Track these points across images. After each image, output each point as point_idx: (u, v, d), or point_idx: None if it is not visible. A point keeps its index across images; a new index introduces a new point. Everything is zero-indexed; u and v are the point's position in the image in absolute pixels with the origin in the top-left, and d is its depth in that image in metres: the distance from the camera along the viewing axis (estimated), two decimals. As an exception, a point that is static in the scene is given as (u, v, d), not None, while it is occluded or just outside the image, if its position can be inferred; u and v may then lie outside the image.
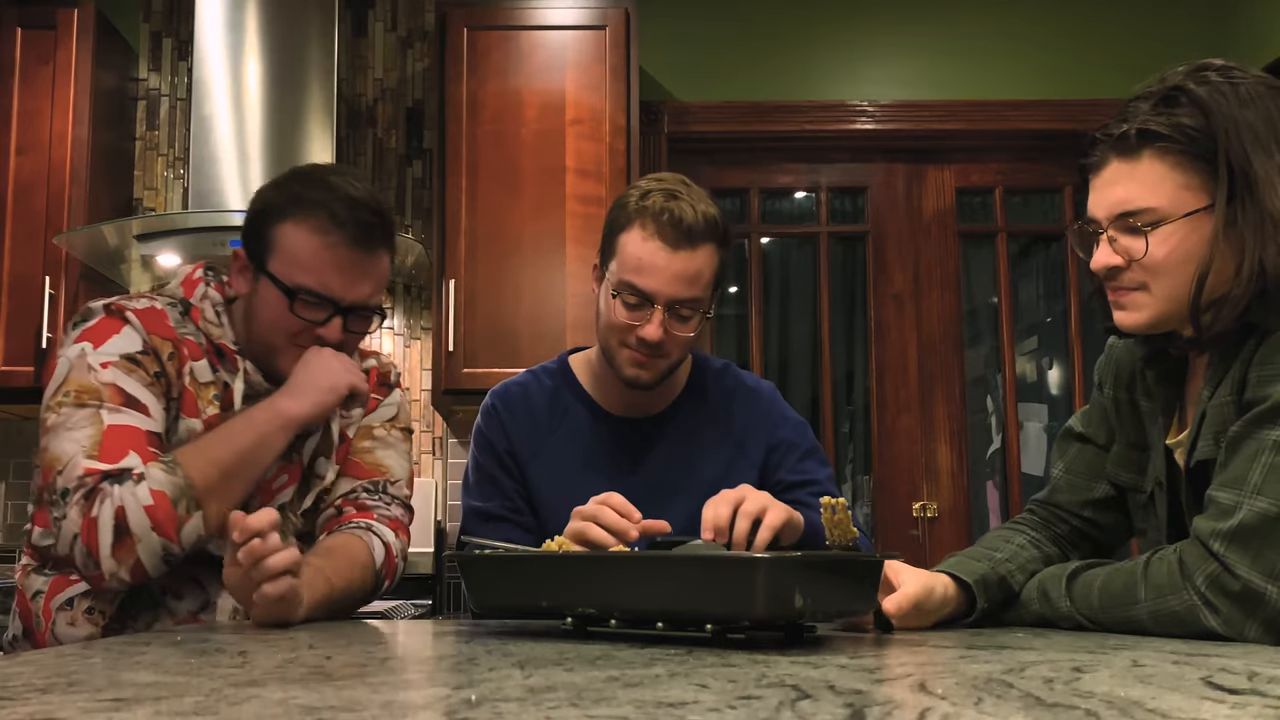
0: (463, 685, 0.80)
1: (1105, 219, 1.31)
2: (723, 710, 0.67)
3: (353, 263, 1.56)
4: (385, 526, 1.64)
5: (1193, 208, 1.25)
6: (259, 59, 3.42)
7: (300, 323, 1.57)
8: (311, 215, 1.55)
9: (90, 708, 0.68)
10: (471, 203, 3.41)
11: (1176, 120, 1.25)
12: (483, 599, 1.27)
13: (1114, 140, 1.29)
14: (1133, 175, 1.27)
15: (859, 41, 3.94)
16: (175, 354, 1.56)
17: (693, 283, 1.67)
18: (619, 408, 1.81)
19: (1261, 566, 1.15)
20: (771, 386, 1.92)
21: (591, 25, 3.48)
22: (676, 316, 1.68)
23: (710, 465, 1.79)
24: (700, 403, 1.84)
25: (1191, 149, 1.24)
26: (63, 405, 1.47)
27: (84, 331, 1.54)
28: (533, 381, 1.86)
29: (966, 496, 3.85)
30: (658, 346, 1.68)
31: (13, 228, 3.38)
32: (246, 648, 1.08)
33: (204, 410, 1.57)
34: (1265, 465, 1.17)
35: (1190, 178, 1.25)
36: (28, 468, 3.72)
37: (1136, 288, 1.30)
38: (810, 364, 4.01)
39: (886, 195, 4.01)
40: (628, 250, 1.67)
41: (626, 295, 1.67)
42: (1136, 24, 3.89)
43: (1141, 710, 0.66)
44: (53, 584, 1.54)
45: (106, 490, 1.41)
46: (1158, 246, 1.26)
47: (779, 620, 1.06)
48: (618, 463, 1.78)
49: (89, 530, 1.40)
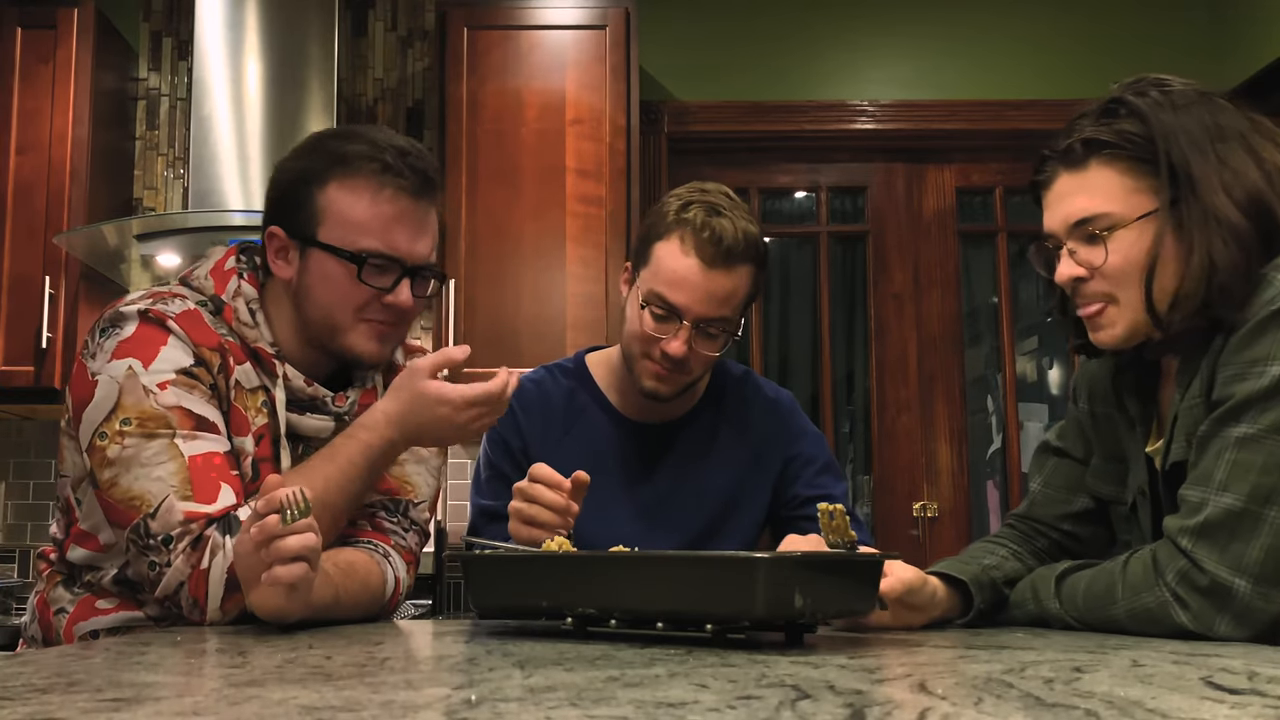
0: (463, 685, 0.80)
1: (1062, 231, 1.33)
2: (723, 710, 0.67)
3: (415, 214, 1.45)
4: (400, 559, 1.54)
5: (1146, 210, 1.28)
6: (259, 59, 3.42)
7: (368, 292, 1.44)
8: (362, 170, 1.43)
9: (90, 708, 0.68)
10: (471, 203, 3.41)
11: (1118, 128, 1.29)
12: (483, 600, 1.27)
13: (1060, 154, 1.33)
14: (1083, 185, 1.31)
15: (859, 41, 3.94)
16: (224, 364, 1.44)
17: (725, 303, 1.63)
18: (635, 412, 1.78)
19: (1229, 560, 1.17)
20: (790, 397, 1.89)
21: (591, 25, 3.48)
22: (704, 334, 1.64)
23: (723, 475, 1.77)
24: (717, 411, 1.81)
25: (1136, 153, 1.28)
26: (127, 435, 1.35)
27: (122, 344, 1.40)
28: (549, 379, 1.82)
29: (966, 496, 3.85)
30: (681, 363, 1.64)
31: (13, 228, 3.38)
32: (246, 648, 1.08)
33: (253, 421, 1.46)
34: (1229, 462, 1.19)
35: (1139, 181, 1.28)
36: (28, 467, 3.72)
37: (1104, 302, 1.32)
38: (810, 364, 4.01)
39: (886, 195, 4.01)
40: (663, 262, 1.63)
41: (656, 307, 1.63)
42: (1136, 24, 3.89)
43: (1141, 710, 0.66)
44: (79, 606, 1.47)
45: (216, 542, 1.32)
46: (1116, 253, 1.29)
47: (779, 620, 1.06)
48: (630, 468, 1.75)
49: (198, 582, 1.33)
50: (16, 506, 3.72)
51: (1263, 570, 1.16)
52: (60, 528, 1.52)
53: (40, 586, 1.52)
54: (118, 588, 1.45)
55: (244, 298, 1.48)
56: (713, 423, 1.80)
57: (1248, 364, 1.20)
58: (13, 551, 3.68)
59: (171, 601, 1.37)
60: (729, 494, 1.76)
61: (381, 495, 1.55)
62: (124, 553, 1.42)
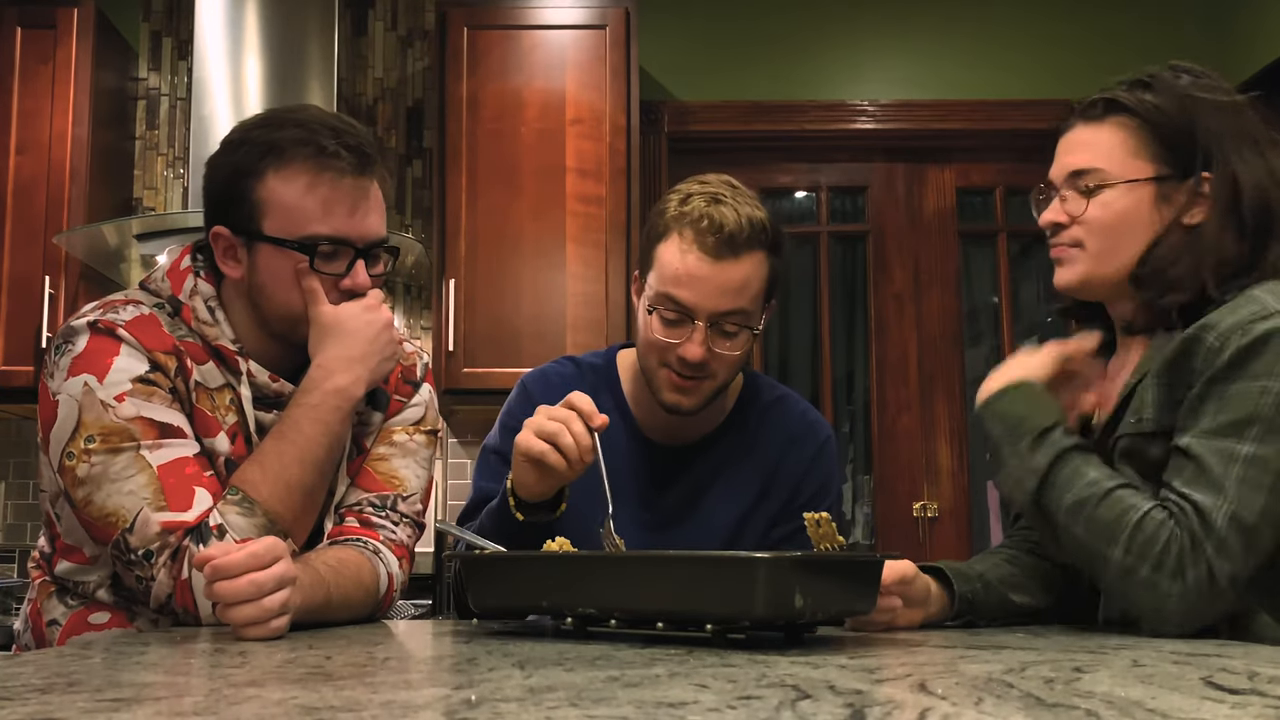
0: (463, 685, 0.80)
1: (1059, 179, 1.41)
2: (723, 710, 0.67)
3: (358, 193, 1.41)
4: (391, 554, 1.49)
5: (1135, 176, 1.35)
6: (259, 59, 3.42)
7: (324, 280, 1.41)
8: (297, 157, 1.39)
9: (90, 708, 0.68)
10: (471, 202, 3.41)
11: (1142, 96, 1.36)
12: (483, 600, 1.27)
13: (1084, 109, 1.41)
14: (1090, 140, 1.38)
15: (859, 41, 3.94)
16: (180, 367, 1.40)
17: (738, 294, 1.52)
18: (656, 431, 1.67)
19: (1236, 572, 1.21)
20: (828, 434, 1.73)
21: (591, 25, 3.48)
22: (721, 333, 1.54)
23: (731, 506, 1.66)
24: (741, 434, 1.69)
25: (1150, 121, 1.35)
26: (93, 454, 1.33)
27: (75, 360, 1.36)
28: (575, 374, 1.72)
29: (966, 496, 3.85)
30: (701, 366, 1.54)
31: (13, 228, 3.38)
32: (246, 648, 1.08)
33: (223, 420, 1.42)
34: (1238, 479, 1.21)
35: (1142, 148, 1.35)
36: (28, 467, 3.72)
37: (1072, 244, 1.39)
38: (810, 363, 4.01)
39: (886, 195, 4.01)
40: (665, 261, 1.53)
41: (665, 310, 1.53)
42: (1137, 24, 3.89)
43: (1141, 710, 0.66)
44: (72, 620, 1.44)
45: (193, 552, 1.30)
46: (1097, 208, 1.36)
47: (779, 620, 1.06)
48: (641, 487, 1.65)
49: (183, 592, 1.32)
50: (16, 506, 3.72)
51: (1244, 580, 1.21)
52: (46, 541, 1.51)
53: (33, 595, 1.51)
54: (112, 597, 1.45)
55: (201, 296, 1.45)
56: (730, 451, 1.68)
57: (1251, 378, 1.23)
58: (13, 551, 3.68)
59: (165, 610, 1.37)
60: (734, 526, 1.67)
61: (369, 494, 1.52)
62: (111, 563, 1.41)
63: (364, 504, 1.51)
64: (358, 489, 1.52)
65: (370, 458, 1.54)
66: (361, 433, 1.54)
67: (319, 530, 1.48)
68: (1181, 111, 1.34)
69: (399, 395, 1.58)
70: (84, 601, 1.46)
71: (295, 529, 1.39)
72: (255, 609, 1.15)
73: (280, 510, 1.36)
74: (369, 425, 1.55)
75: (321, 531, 1.49)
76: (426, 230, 3.74)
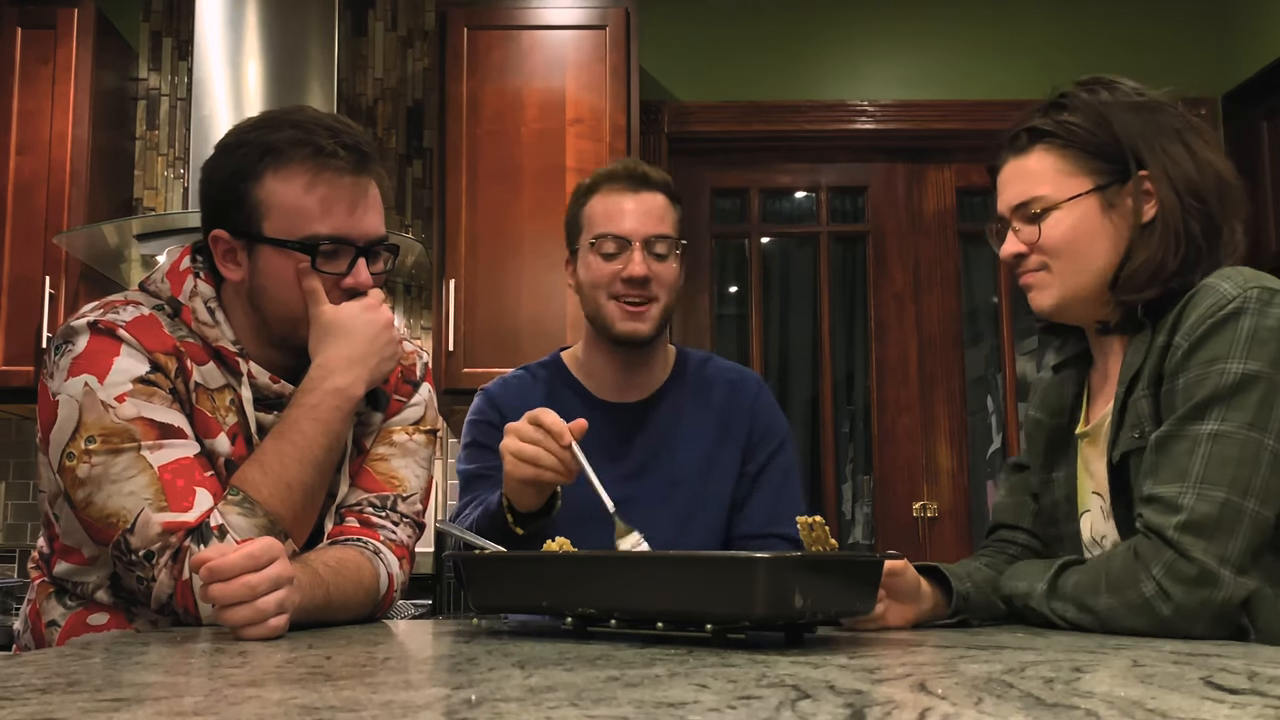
0: (463, 685, 0.80)
1: (1007, 213, 1.46)
2: (723, 710, 0.67)
3: (357, 192, 1.42)
4: (391, 554, 1.50)
5: (1074, 192, 1.40)
6: (259, 59, 3.42)
7: (325, 279, 1.41)
8: (295, 157, 1.39)
9: (90, 708, 0.68)
10: (471, 202, 3.41)
11: (1061, 118, 1.41)
12: (483, 600, 1.27)
13: (1009, 142, 1.47)
14: (1024, 171, 1.44)
15: (859, 41, 3.94)
16: (181, 367, 1.40)
17: (661, 219, 1.80)
18: (609, 393, 1.89)
19: (1215, 551, 1.21)
20: (755, 376, 1.98)
21: (591, 25, 3.48)
22: (654, 255, 1.79)
23: (694, 444, 1.86)
24: (683, 387, 1.92)
25: (1075, 141, 1.40)
26: (93, 454, 1.33)
27: (76, 360, 1.36)
28: (527, 375, 1.95)
29: (966, 496, 3.85)
30: (645, 283, 1.78)
31: (13, 228, 3.38)
32: (246, 648, 1.08)
33: (224, 421, 1.42)
34: (1204, 457, 1.24)
35: (1075, 166, 1.40)
36: (28, 467, 3.72)
37: (1039, 268, 1.43)
38: (810, 364, 4.01)
39: (886, 195, 4.01)
40: (595, 210, 1.81)
41: (605, 246, 1.79)
42: (1137, 24, 3.89)
43: (1141, 710, 0.66)
44: (71, 621, 1.45)
45: (194, 552, 1.29)
46: (1050, 230, 1.41)
47: (779, 620, 1.06)
48: (608, 445, 1.81)
49: (184, 593, 1.33)
50: (16, 506, 3.72)
51: (1241, 562, 1.21)
52: (45, 541, 1.50)
53: (33, 595, 1.51)
54: (111, 598, 1.44)
55: (201, 297, 1.45)
56: (679, 400, 1.90)
57: (1206, 364, 1.27)
58: (13, 551, 3.68)
59: (166, 611, 1.37)
60: (702, 459, 1.86)
61: (369, 494, 1.52)
62: (110, 564, 1.41)
63: (364, 504, 1.51)
64: (358, 489, 1.52)
65: (370, 458, 1.54)
66: (361, 433, 1.54)
67: (319, 530, 1.48)
68: (1099, 122, 1.39)
69: (399, 395, 1.58)
70: (83, 602, 1.46)
71: (296, 529, 1.40)
72: (250, 610, 1.15)
73: (281, 510, 1.36)
74: (369, 425, 1.55)
75: (322, 531, 1.49)
76: (426, 230, 3.74)
